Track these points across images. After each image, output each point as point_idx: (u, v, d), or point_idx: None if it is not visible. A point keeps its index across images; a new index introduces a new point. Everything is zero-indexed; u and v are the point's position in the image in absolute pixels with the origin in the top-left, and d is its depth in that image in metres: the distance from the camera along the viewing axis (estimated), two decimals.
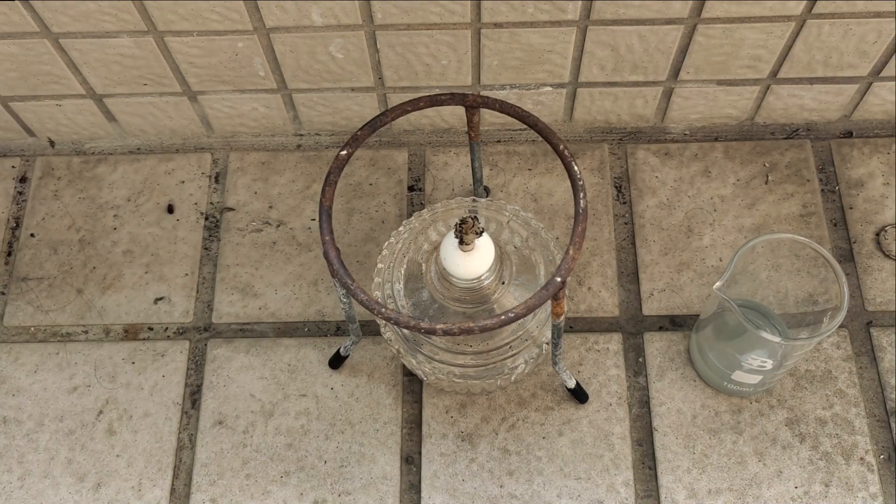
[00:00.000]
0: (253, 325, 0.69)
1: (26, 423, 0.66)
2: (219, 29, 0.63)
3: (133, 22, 0.62)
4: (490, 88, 0.70)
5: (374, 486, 0.63)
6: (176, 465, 0.65)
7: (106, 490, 0.64)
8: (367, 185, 0.74)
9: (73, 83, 0.69)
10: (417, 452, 0.64)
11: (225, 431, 0.65)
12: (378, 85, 0.69)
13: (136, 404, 0.67)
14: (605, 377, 0.66)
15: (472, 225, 0.51)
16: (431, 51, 0.65)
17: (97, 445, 0.65)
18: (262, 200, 0.74)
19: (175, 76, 0.68)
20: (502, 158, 0.74)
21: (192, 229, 0.73)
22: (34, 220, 0.74)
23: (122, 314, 0.70)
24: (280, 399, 0.66)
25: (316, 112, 0.73)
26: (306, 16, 0.61)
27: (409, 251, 0.60)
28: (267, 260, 0.71)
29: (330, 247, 0.51)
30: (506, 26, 0.63)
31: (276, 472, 0.64)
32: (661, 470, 0.63)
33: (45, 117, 0.73)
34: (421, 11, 0.61)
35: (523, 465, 0.63)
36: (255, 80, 0.68)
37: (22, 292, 0.71)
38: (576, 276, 0.70)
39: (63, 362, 0.68)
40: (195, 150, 0.76)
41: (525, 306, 0.48)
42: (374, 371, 0.67)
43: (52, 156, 0.76)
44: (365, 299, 0.49)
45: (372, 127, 0.54)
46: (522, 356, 0.59)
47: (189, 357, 0.68)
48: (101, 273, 0.71)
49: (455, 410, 0.65)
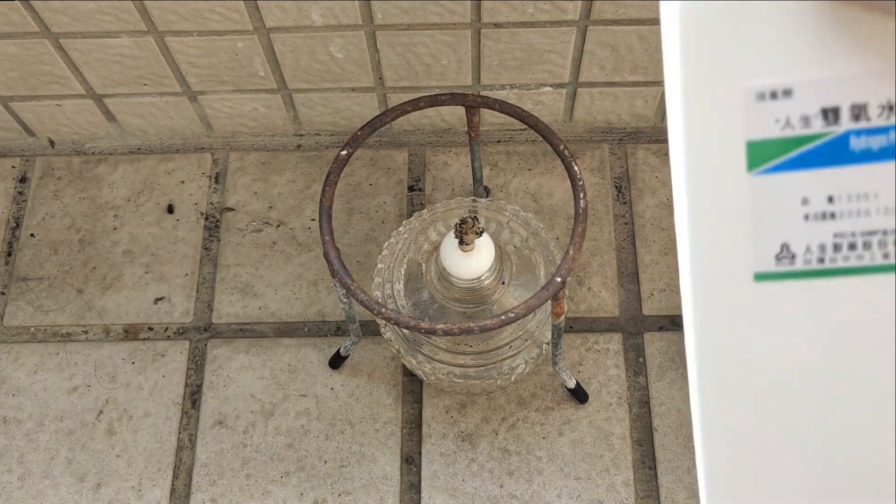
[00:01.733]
0: (253, 326, 0.69)
1: (26, 423, 0.66)
2: (219, 29, 0.63)
3: (133, 22, 0.62)
4: (490, 88, 0.70)
5: (375, 486, 0.63)
6: (176, 465, 0.65)
7: (106, 490, 0.64)
8: (367, 185, 0.74)
9: (73, 83, 0.69)
10: (417, 452, 0.64)
11: (225, 431, 0.65)
12: (378, 85, 0.69)
13: (137, 404, 0.67)
14: (605, 377, 0.66)
15: (472, 225, 0.51)
16: (431, 51, 0.65)
17: (97, 445, 0.65)
18: (262, 200, 0.74)
19: (175, 76, 0.68)
20: (502, 158, 0.74)
21: (192, 229, 0.73)
22: (34, 220, 0.74)
23: (122, 314, 0.70)
24: (280, 399, 0.66)
25: (316, 112, 0.73)
26: (306, 16, 0.61)
27: (409, 251, 0.60)
28: (267, 260, 0.71)
29: (330, 247, 0.51)
30: (506, 26, 0.63)
31: (276, 473, 0.64)
32: (661, 470, 0.63)
33: (45, 117, 0.73)
34: (421, 11, 0.61)
35: (523, 465, 0.63)
36: (255, 80, 0.68)
37: (22, 292, 0.71)
38: (576, 276, 0.70)
39: (63, 362, 0.68)
40: (195, 150, 0.76)
41: (525, 306, 0.48)
42: (374, 371, 0.67)
43: (52, 156, 0.76)
44: (365, 299, 0.49)
45: (372, 127, 0.54)
46: (522, 356, 0.59)
47: (189, 357, 0.68)
48: (101, 273, 0.71)
49: (455, 410, 0.65)
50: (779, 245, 0.21)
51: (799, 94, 0.20)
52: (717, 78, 0.20)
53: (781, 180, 0.20)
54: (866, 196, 0.20)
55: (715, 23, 0.20)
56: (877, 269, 0.20)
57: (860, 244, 0.20)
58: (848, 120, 0.20)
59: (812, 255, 0.21)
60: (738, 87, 0.20)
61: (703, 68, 0.20)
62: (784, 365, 0.21)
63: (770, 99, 0.20)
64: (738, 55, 0.20)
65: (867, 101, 0.19)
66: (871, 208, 0.20)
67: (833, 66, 0.19)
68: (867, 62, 0.19)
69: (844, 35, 0.19)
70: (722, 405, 0.23)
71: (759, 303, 0.21)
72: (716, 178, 0.21)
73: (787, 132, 0.20)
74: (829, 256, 0.21)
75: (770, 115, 0.20)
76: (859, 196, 0.20)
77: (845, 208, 0.20)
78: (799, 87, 0.20)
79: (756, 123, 0.20)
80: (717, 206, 0.21)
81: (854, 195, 0.20)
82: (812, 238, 0.21)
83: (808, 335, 0.21)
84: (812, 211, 0.20)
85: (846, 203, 0.20)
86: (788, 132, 0.20)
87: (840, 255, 0.20)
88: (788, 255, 0.21)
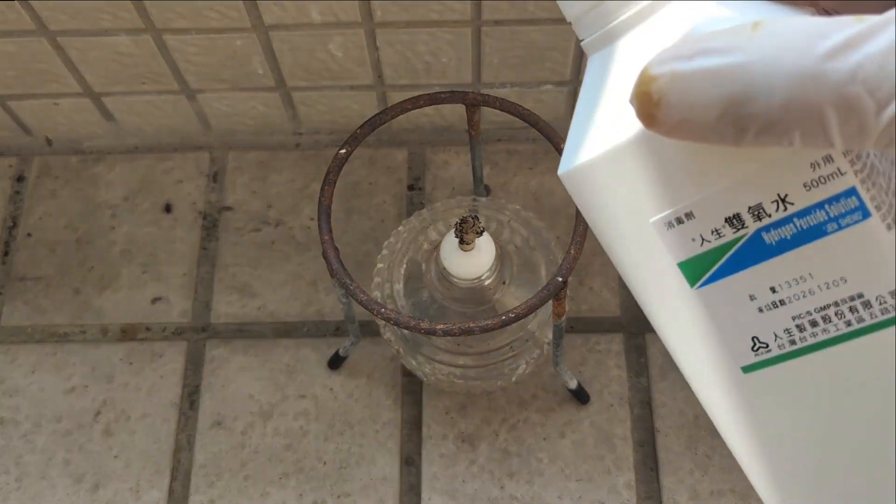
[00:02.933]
0: (251, 326, 0.69)
1: (23, 423, 0.66)
2: (217, 27, 0.62)
3: (131, 20, 0.61)
4: (491, 86, 0.69)
5: (374, 488, 0.63)
6: (174, 466, 0.64)
7: (104, 491, 0.63)
8: (367, 184, 0.73)
9: (70, 81, 0.68)
10: (417, 454, 0.64)
11: (223, 432, 0.65)
12: (378, 83, 0.69)
13: (134, 405, 0.66)
14: (606, 378, 0.66)
15: (472, 224, 0.50)
16: (431, 49, 0.65)
17: (95, 446, 0.65)
18: (260, 200, 0.73)
19: (173, 74, 0.68)
20: (503, 157, 0.74)
21: (189, 229, 0.72)
22: (31, 220, 0.73)
23: (119, 314, 0.69)
24: (279, 400, 0.66)
25: (315, 110, 0.73)
26: (305, 13, 0.61)
27: (408, 251, 0.59)
28: (265, 260, 0.71)
29: (329, 246, 0.51)
30: (506, 24, 0.62)
31: (275, 474, 0.63)
32: (663, 471, 0.63)
33: (42, 116, 0.73)
34: (421, 9, 0.61)
35: (524, 466, 0.63)
36: (254, 78, 0.68)
37: (19, 292, 0.71)
38: (577, 275, 0.69)
39: (60, 363, 0.68)
40: (193, 148, 0.76)
41: (526, 306, 0.48)
42: (373, 372, 0.67)
43: (49, 155, 0.76)
44: (364, 299, 0.49)
45: (371, 125, 0.54)
46: (523, 357, 0.58)
47: (187, 358, 0.68)
48: (98, 273, 0.71)
49: (455, 411, 0.65)
50: (750, 339, 0.22)
51: (699, 214, 0.21)
52: (626, 221, 0.22)
53: (725, 286, 0.22)
54: (802, 279, 0.21)
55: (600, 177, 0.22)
56: (846, 337, 0.21)
57: (819, 320, 0.21)
58: (752, 221, 0.21)
59: (782, 339, 0.22)
60: (646, 223, 0.22)
61: (611, 217, 0.23)
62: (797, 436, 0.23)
63: (678, 224, 0.22)
64: (633, 197, 0.22)
65: (760, 200, 0.21)
66: (813, 287, 0.21)
67: (717, 180, 0.21)
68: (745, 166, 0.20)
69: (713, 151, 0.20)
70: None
71: (759, 388, 0.23)
72: (670, 300, 0.23)
73: (707, 246, 0.21)
74: (798, 337, 0.22)
75: (685, 236, 0.22)
76: (796, 280, 0.21)
77: (789, 294, 0.21)
78: (696, 208, 0.21)
79: (677, 247, 0.22)
80: (683, 322, 0.23)
81: (791, 281, 0.21)
82: (775, 326, 0.22)
83: (809, 407, 0.22)
84: (762, 304, 0.22)
85: (788, 290, 0.21)
86: (707, 246, 0.21)
87: (807, 333, 0.22)
88: (763, 346, 0.22)
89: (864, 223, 0.20)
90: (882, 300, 0.20)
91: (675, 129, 0.19)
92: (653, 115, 0.19)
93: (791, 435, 0.23)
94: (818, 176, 0.20)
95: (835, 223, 0.20)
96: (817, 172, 0.20)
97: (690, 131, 0.19)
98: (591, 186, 0.22)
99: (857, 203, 0.20)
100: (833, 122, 0.17)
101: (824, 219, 0.20)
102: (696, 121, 0.18)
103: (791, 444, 0.23)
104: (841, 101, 0.17)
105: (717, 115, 0.18)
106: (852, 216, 0.20)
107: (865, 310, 0.21)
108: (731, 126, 0.18)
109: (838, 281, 0.21)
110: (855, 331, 0.21)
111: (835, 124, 0.18)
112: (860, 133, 0.18)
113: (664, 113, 0.18)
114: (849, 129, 0.18)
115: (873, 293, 0.20)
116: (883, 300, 0.20)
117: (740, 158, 0.20)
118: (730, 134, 0.18)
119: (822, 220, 0.20)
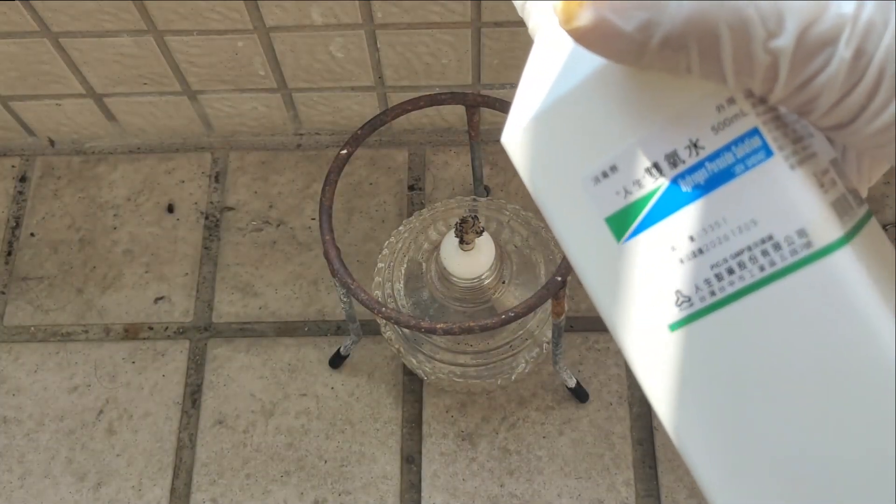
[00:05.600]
0: (253, 325, 0.69)
1: (26, 422, 0.66)
2: (219, 28, 0.63)
3: (133, 21, 0.62)
4: (490, 87, 0.70)
5: (375, 486, 0.63)
6: (176, 464, 0.65)
7: (106, 489, 0.64)
8: (368, 184, 0.74)
9: (73, 82, 0.69)
10: (418, 452, 0.64)
11: (225, 431, 0.65)
12: (378, 84, 0.69)
13: (137, 404, 0.66)
14: (605, 376, 0.66)
15: (472, 224, 0.51)
16: (432, 50, 0.65)
17: (97, 445, 0.65)
18: (262, 200, 0.74)
19: (175, 75, 0.68)
20: (502, 158, 0.74)
21: (192, 229, 0.73)
22: (34, 220, 0.74)
23: (122, 314, 0.70)
24: (280, 398, 0.66)
25: (316, 111, 0.73)
26: (306, 15, 0.61)
27: (409, 250, 0.60)
28: (267, 259, 0.71)
29: (330, 246, 0.51)
30: (506, 25, 0.63)
31: (277, 472, 0.64)
32: (661, 469, 0.63)
33: (45, 117, 0.73)
34: (421, 10, 0.61)
35: (524, 464, 0.63)
36: (255, 79, 0.68)
37: (22, 292, 0.71)
38: (576, 275, 0.69)
39: (63, 362, 0.68)
40: (195, 149, 0.76)
41: (525, 305, 0.48)
42: (374, 370, 0.67)
43: (52, 155, 0.76)
44: (365, 299, 0.49)
45: (372, 126, 0.54)
46: (523, 355, 0.59)
47: (189, 356, 0.68)
48: (101, 272, 0.71)
49: (455, 410, 0.65)
50: (674, 293, 0.22)
51: (622, 166, 0.22)
52: (561, 182, 0.23)
53: (647, 238, 0.22)
54: (717, 224, 0.21)
55: (532, 136, 0.23)
56: (760, 284, 0.21)
57: (735, 266, 0.22)
58: (668, 169, 0.21)
59: (703, 291, 0.22)
60: (576, 179, 0.23)
61: (549, 179, 0.23)
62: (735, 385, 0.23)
63: (604, 178, 0.22)
64: (565, 157, 0.23)
65: (674, 147, 0.21)
66: (727, 232, 0.21)
67: (635, 131, 0.22)
68: (660, 114, 0.21)
69: (631, 101, 0.21)
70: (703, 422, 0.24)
71: (686, 346, 0.23)
72: (600, 257, 0.24)
73: (630, 198, 0.22)
74: (717, 287, 0.22)
75: (610, 190, 0.22)
76: (712, 226, 0.22)
77: (706, 241, 0.22)
78: (619, 160, 0.22)
79: (604, 201, 0.23)
80: (610, 279, 0.24)
81: (707, 227, 0.22)
82: (696, 277, 0.22)
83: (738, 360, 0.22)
84: (682, 254, 0.22)
85: (705, 237, 0.22)
86: (631, 198, 0.22)
87: (724, 282, 0.22)
88: (685, 299, 0.22)
89: (768, 162, 0.21)
90: (790, 240, 0.21)
91: (591, 30, 0.19)
92: (574, 12, 0.19)
93: (720, 397, 0.23)
94: (723, 118, 0.21)
95: (742, 164, 0.21)
96: (723, 115, 0.21)
97: (604, 34, 0.19)
98: (528, 150, 0.23)
99: (759, 143, 0.21)
100: (727, 43, 0.18)
101: (732, 160, 0.21)
102: (613, 20, 0.19)
103: (721, 409, 0.23)
104: (736, 21, 0.18)
105: (631, 14, 0.19)
106: (756, 156, 0.21)
107: (776, 252, 0.21)
108: (638, 32, 0.19)
109: (749, 224, 0.21)
110: (768, 276, 0.21)
111: (728, 46, 0.18)
112: (748, 61, 0.18)
113: (586, 8, 0.19)
114: (739, 55, 0.18)
115: (781, 234, 0.21)
116: (791, 240, 0.21)
117: (657, 106, 0.21)
118: (635, 43, 0.19)
119: (730, 163, 0.21)
